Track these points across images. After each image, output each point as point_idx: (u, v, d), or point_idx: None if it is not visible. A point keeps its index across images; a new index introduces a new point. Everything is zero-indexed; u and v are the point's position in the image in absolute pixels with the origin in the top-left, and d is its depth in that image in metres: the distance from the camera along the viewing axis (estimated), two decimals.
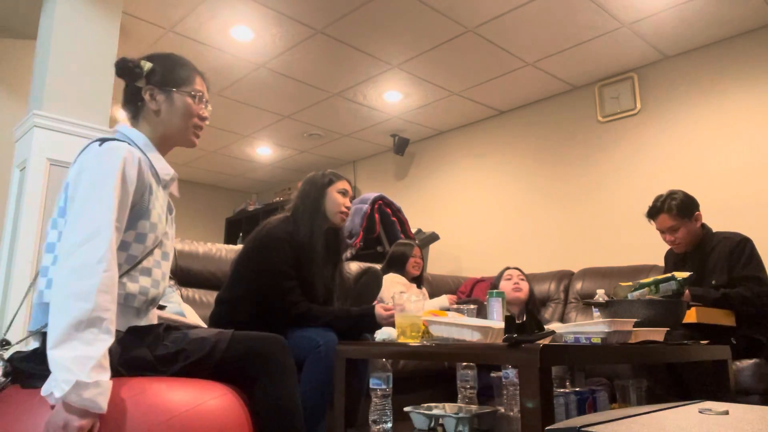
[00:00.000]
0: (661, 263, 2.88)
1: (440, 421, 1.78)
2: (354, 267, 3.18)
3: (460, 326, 1.58)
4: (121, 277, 1.24)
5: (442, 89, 4.32)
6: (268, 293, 1.98)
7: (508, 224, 4.60)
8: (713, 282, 2.44)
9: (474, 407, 1.91)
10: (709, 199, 3.11)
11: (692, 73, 3.71)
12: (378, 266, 3.34)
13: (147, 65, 1.39)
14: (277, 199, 6.61)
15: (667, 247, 2.70)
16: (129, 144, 1.30)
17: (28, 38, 3.27)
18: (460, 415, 1.74)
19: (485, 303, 2.08)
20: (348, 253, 4.06)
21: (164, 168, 1.37)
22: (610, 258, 3.77)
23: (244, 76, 4.06)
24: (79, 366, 1.01)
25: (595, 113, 4.17)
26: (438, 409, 1.88)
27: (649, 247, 3.29)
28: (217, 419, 1.18)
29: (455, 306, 1.89)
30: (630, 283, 2.13)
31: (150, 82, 1.39)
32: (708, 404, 1.02)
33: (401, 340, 1.76)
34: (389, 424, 1.82)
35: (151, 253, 1.30)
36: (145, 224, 1.28)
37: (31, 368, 1.16)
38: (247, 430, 1.25)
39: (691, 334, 2.26)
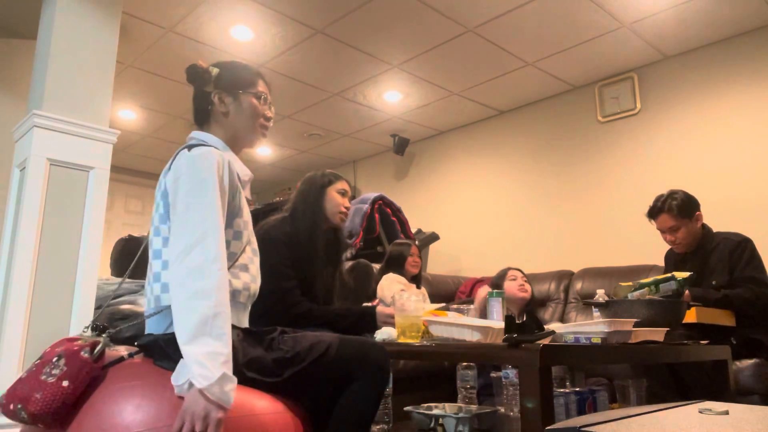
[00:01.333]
0: (661, 263, 2.88)
1: (440, 421, 1.78)
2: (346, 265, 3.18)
3: (460, 326, 1.58)
4: None
5: (442, 89, 4.32)
6: (267, 294, 1.98)
7: (508, 224, 4.60)
8: (713, 282, 2.43)
9: (474, 407, 1.91)
10: (708, 199, 3.11)
11: (692, 73, 3.71)
12: (376, 266, 3.34)
13: (215, 70, 1.45)
14: (277, 199, 6.60)
15: (668, 246, 2.70)
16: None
17: (28, 38, 3.27)
18: (460, 415, 1.74)
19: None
20: (348, 253, 4.06)
21: (242, 169, 1.43)
22: (610, 258, 3.77)
23: None
24: (212, 361, 1.08)
25: (595, 113, 4.17)
26: (438, 409, 1.88)
27: (649, 247, 3.28)
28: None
29: (455, 306, 1.89)
30: (630, 283, 2.13)
31: (218, 86, 1.44)
32: (708, 404, 1.02)
33: (401, 340, 1.76)
34: (389, 424, 1.82)
35: (244, 250, 1.36)
36: (240, 222, 1.35)
37: (170, 349, 1.20)
38: None
39: (691, 334, 2.26)
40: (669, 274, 2.08)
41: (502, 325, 1.48)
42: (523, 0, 3.17)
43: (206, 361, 1.07)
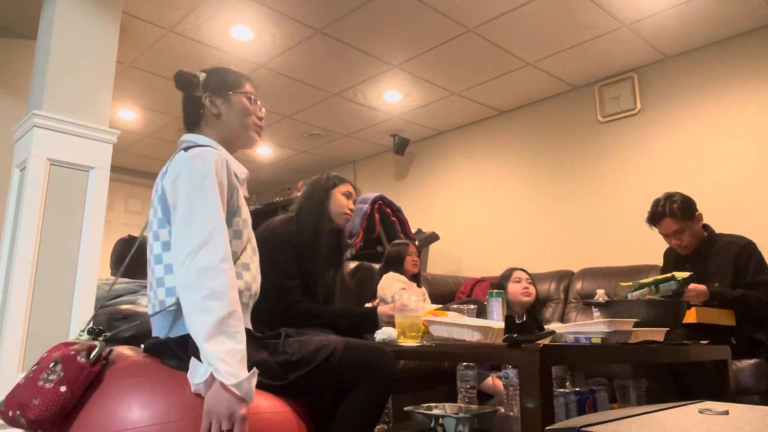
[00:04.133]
0: (661, 263, 2.87)
1: (440, 421, 1.78)
2: (348, 266, 3.18)
3: (460, 326, 1.58)
4: None
5: (442, 89, 4.32)
6: (269, 292, 1.98)
7: (508, 224, 4.59)
8: (716, 285, 2.43)
9: (474, 407, 1.91)
10: (709, 199, 3.11)
11: (692, 73, 3.71)
12: (375, 266, 3.34)
13: (202, 74, 1.46)
14: (277, 199, 6.60)
15: (667, 245, 2.69)
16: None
17: (28, 38, 3.27)
18: (460, 415, 1.74)
19: (485, 303, 2.08)
20: (348, 253, 4.06)
21: (239, 168, 1.44)
22: (610, 258, 3.77)
23: None
24: (231, 358, 1.10)
25: (595, 113, 4.17)
26: (438, 409, 1.88)
27: (649, 247, 3.28)
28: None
29: (455, 306, 1.89)
30: (630, 283, 2.13)
31: (207, 90, 1.45)
32: (708, 404, 1.02)
33: (401, 340, 1.76)
34: (389, 424, 1.82)
35: (245, 249, 1.37)
36: (239, 221, 1.35)
37: (178, 349, 1.22)
38: None
39: (691, 334, 2.26)
40: (669, 274, 2.08)
41: (502, 325, 1.48)
42: (523, 0, 3.17)
43: (228, 359, 1.09)
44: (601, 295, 2.36)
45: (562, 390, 1.89)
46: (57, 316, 2.31)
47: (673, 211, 2.47)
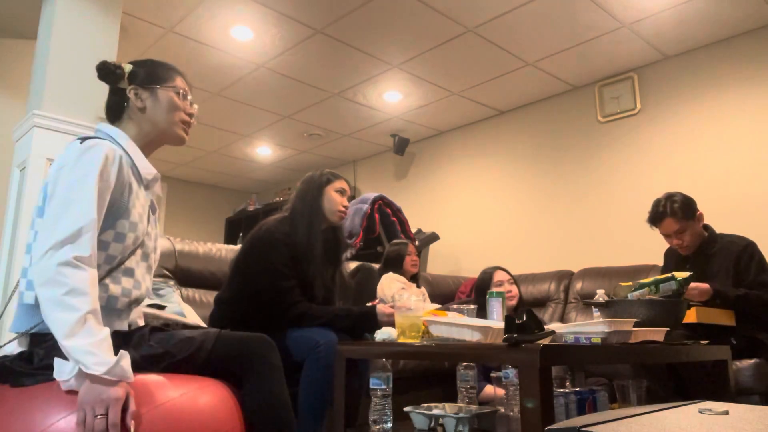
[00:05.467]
0: (661, 263, 2.87)
1: (440, 421, 1.77)
2: (349, 266, 3.18)
3: (460, 326, 1.58)
4: (103, 278, 1.24)
5: (442, 89, 4.32)
6: (267, 293, 1.98)
7: (508, 224, 4.59)
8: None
9: (474, 407, 1.91)
10: (709, 199, 3.11)
11: (692, 73, 3.71)
12: (375, 266, 3.34)
13: (128, 67, 1.42)
14: (277, 199, 6.61)
15: (667, 245, 2.68)
16: (111, 142, 1.31)
17: (28, 38, 3.27)
18: (460, 415, 1.74)
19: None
20: (348, 253, 4.06)
21: (146, 167, 1.38)
22: (610, 258, 3.77)
23: (244, 76, 4.06)
24: (97, 348, 1.08)
25: (595, 113, 4.17)
26: (438, 409, 1.87)
27: (649, 247, 3.28)
28: (205, 408, 1.21)
29: (455, 306, 1.89)
30: (630, 283, 2.13)
31: (133, 83, 1.41)
32: (708, 404, 1.02)
33: (401, 340, 1.75)
34: (389, 424, 1.82)
35: (133, 253, 1.31)
36: (125, 224, 1.29)
37: (20, 367, 1.18)
38: (238, 420, 1.26)
39: (691, 334, 2.26)
40: (669, 274, 2.08)
41: (502, 325, 1.48)
42: (523, 0, 3.17)
43: (95, 349, 1.07)
44: (601, 295, 2.36)
45: (562, 390, 1.89)
46: None
47: (675, 211, 2.46)
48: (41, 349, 1.19)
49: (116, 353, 1.12)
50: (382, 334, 1.87)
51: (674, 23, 3.40)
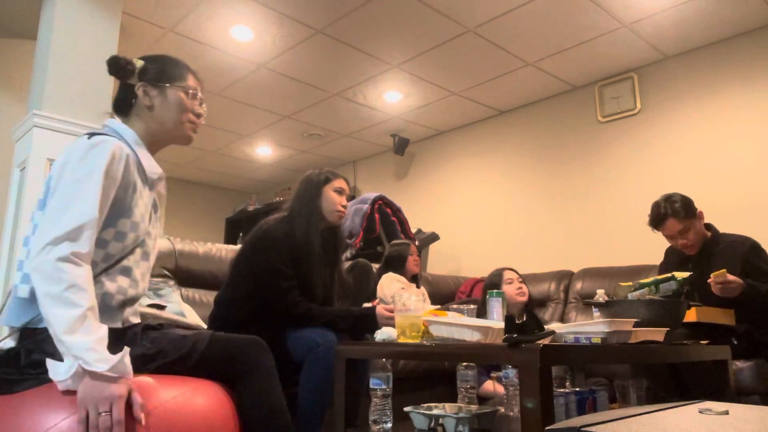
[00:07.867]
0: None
1: (440, 421, 1.77)
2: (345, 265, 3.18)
3: (460, 326, 1.58)
4: (99, 275, 1.23)
5: (442, 89, 4.32)
6: (266, 293, 1.98)
7: (508, 224, 4.59)
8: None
9: (474, 407, 1.91)
10: (709, 199, 3.11)
11: (692, 73, 3.71)
12: (375, 265, 3.34)
13: (139, 63, 1.41)
14: (277, 199, 6.60)
15: (668, 244, 2.68)
16: (118, 139, 1.30)
17: (28, 38, 3.27)
18: (460, 415, 1.73)
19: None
20: (348, 253, 4.06)
21: (152, 166, 1.37)
22: (610, 258, 3.77)
23: (244, 76, 4.06)
24: (99, 345, 1.08)
25: (595, 113, 4.17)
26: (438, 409, 1.87)
27: (649, 247, 3.28)
28: (201, 409, 1.20)
29: (455, 306, 1.89)
30: (630, 283, 2.13)
31: (142, 79, 1.40)
32: (708, 404, 1.02)
33: (401, 340, 1.75)
34: (389, 424, 1.82)
35: (131, 252, 1.30)
36: (126, 223, 1.27)
37: (5, 374, 1.16)
38: (233, 422, 1.26)
39: (691, 334, 2.26)
40: (669, 274, 2.08)
41: (502, 325, 1.48)
42: (523, 0, 3.17)
43: (97, 346, 1.07)
44: (601, 295, 2.36)
45: (562, 390, 1.89)
46: None
47: (676, 211, 2.46)
48: (31, 342, 1.17)
49: (109, 350, 1.11)
50: (382, 334, 1.87)
51: (674, 23, 3.40)
